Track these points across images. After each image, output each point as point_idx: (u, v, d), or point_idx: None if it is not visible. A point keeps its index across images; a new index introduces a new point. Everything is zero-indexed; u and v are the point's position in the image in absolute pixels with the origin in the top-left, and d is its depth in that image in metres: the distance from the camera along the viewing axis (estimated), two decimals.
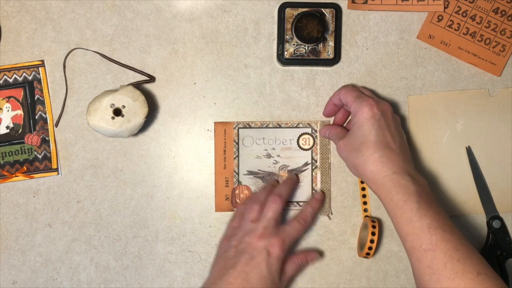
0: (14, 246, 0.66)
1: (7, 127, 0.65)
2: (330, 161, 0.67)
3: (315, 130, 0.67)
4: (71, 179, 0.66)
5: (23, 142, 0.66)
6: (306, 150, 0.67)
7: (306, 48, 0.65)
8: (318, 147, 0.67)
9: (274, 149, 0.67)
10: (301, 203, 0.66)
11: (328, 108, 0.66)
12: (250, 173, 0.67)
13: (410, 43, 0.67)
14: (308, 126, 0.67)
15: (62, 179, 0.66)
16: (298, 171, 0.67)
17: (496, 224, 0.66)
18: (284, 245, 0.60)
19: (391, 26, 0.66)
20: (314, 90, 0.67)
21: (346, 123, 0.66)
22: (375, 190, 0.58)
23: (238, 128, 0.66)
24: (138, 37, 0.66)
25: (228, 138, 0.66)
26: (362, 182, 0.67)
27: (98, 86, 0.66)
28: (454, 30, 0.66)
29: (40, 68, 0.65)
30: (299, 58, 0.65)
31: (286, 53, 0.65)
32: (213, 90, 0.66)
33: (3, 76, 0.65)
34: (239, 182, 0.67)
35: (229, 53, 0.66)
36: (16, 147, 0.66)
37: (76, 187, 0.66)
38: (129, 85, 0.63)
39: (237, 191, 0.67)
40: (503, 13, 0.66)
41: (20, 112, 0.65)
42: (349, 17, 0.66)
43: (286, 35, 0.65)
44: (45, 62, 0.65)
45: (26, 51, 0.65)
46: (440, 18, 0.66)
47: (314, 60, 0.65)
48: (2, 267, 0.66)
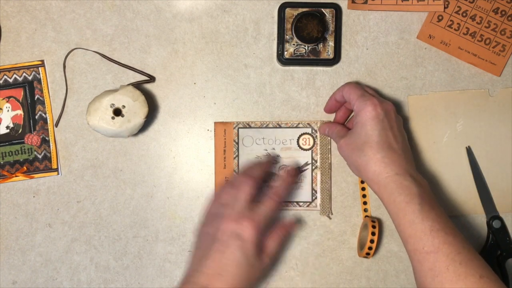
0: (14, 246, 0.66)
1: (7, 127, 0.65)
2: (330, 161, 0.67)
3: (315, 130, 0.67)
4: (71, 179, 0.66)
5: (23, 142, 0.66)
6: (306, 150, 0.67)
7: (306, 48, 0.65)
8: (318, 147, 0.67)
9: (274, 149, 0.67)
10: (301, 203, 0.66)
11: (329, 104, 0.65)
12: None
13: (410, 43, 0.67)
14: (308, 126, 0.67)
15: (62, 179, 0.66)
16: (298, 172, 0.67)
17: (496, 224, 0.66)
18: (258, 226, 0.57)
19: (391, 26, 0.66)
20: (314, 90, 0.66)
21: (347, 122, 0.66)
22: (377, 191, 0.57)
23: (238, 128, 0.66)
24: (138, 37, 0.66)
25: (228, 138, 0.66)
26: (362, 182, 0.67)
27: (98, 86, 0.66)
28: (454, 30, 0.66)
29: (40, 68, 0.65)
30: (299, 58, 0.65)
31: (286, 53, 0.65)
32: (213, 90, 0.66)
33: (3, 76, 0.65)
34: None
35: (229, 53, 0.66)
36: (16, 147, 0.65)
37: (76, 187, 0.66)
38: (129, 85, 0.63)
39: None
40: (503, 13, 0.66)
41: (20, 112, 0.65)
42: (349, 17, 0.66)
43: (286, 35, 0.65)
44: (45, 62, 0.65)
45: (26, 51, 0.65)
46: (440, 18, 0.66)
47: (314, 60, 0.65)
48: (2, 267, 0.66)
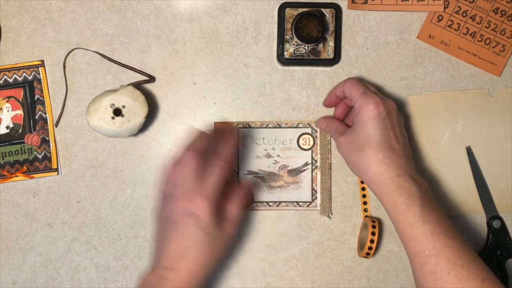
0: (14, 246, 0.66)
1: (7, 127, 0.65)
2: (330, 161, 0.67)
3: (315, 130, 0.67)
4: (71, 179, 0.66)
5: (23, 142, 0.65)
6: (306, 150, 0.67)
7: (306, 48, 0.65)
8: (318, 147, 0.67)
9: (274, 149, 0.67)
10: (301, 203, 0.66)
11: (329, 99, 0.65)
12: (250, 173, 0.67)
13: (410, 43, 0.67)
14: (308, 126, 0.67)
15: (62, 179, 0.66)
16: (298, 171, 0.67)
17: (496, 224, 0.66)
18: (210, 199, 0.55)
19: (391, 26, 0.66)
20: (314, 90, 0.66)
21: (346, 118, 0.65)
22: (377, 192, 0.57)
23: (238, 128, 0.66)
24: (138, 37, 0.66)
25: None
26: (362, 182, 0.67)
27: (98, 86, 0.66)
28: (454, 30, 0.66)
29: (40, 68, 0.65)
30: (299, 58, 0.65)
31: (286, 53, 0.65)
32: (213, 90, 0.66)
33: (3, 76, 0.65)
34: (239, 182, 0.67)
35: (229, 53, 0.66)
36: (16, 147, 0.65)
37: (76, 187, 0.66)
38: (129, 85, 0.63)
39: None
40: (503, 13, 0.66)
41: (20, 112, 0.65)
42: (349, 17, 0.66)
43: (286, 35, 0.65)
44: (45, 62, 0.65)
45: (26, 51, 0.65)
46: (440, 18, 0.66)
47: (314, 60, 0.65)
48: (2, 267, 0.66)
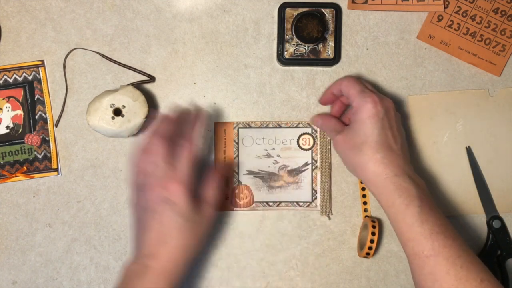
0: (14, 246, 0.66)
1: (7, 127, 0.65)
2: (330, 161, 0.67)
3: (315, 130, 0.67)
4: (71, 179, 0.66)
5: (23, 142, 0.65)
6: (306, 150, 0.67)
7: (306, 48, 0.65)
8: (318, 147, 0.67)
9: (274, 149, 0.67)
10: (301, 203, 0.66)
11: (325, 97, 0.64)
12: (250, 173, 0.67)
13: (410, 43, 0.67)
14: (308, 126, 0.67)
15: (62, 179, 0.66)
16: (298, 171, 0.67)
17: (496, 224, 0.66)
18: (184, 183, 0.55)
19: (391, 26, 0.66)
20: (314, 90, 0.66)
21: (342, 116, 0.65)
22: (375, 192, 0.57)
23: (238, 128, 0.66)
24: (138, 37, 0.66)
25: (228, 138, 0.66)
26: (362, 182, 0.67)
27: (98, 86, 0.66)
28: (454, 30, 0.66)
29: (40, 68, 0.65)
30: (299, 58, 0.65)
31: (286, 53, 0.65)
32: (213, 90, 0.66)
33: (3, 76, 0.65)
34: (239, 182, 0.67)
35: (229, 53, 0.66)
36: (16, 147, 0.65)
37: (76, 187, 0.66)
38: (129, 85, 0.63)
39: (237, 191, 0.67)
40: (503, 13, 0.66)
41: (20, 112, 0.65)
42: (349, 17, 0.66)
43: (286, 35, 0.65)
44: (45, 62, 0.65)
45: (26, 51, 0.65)
46: (440, 18, 0.66)
47: (314, 60, 0.65)
48: (2, 267, 0.66)
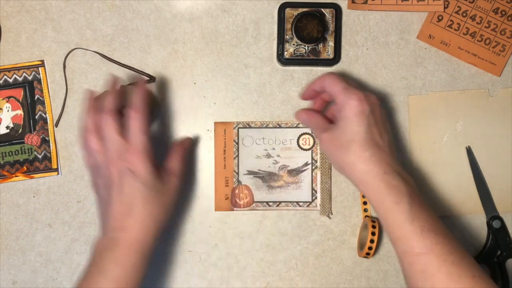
0: (14, 246, 0.66)
1: (7, 127, 0.65)
2: (330, 161, 0.67)
3: None
4: (71, 179, 0.66)
5: (23, 142, 0.66)
6: (306, 150, 0.67)
7: (306, 48, 0.65)
8: (318, 147, 0.67)
9: (274, 149, 0.67)
10: (301, 203, 0.66)
11: (307, 94, 0.63)
12: (250, 173, 0.67)
13: (410, 43, 0.67)
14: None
15: (62, 179, 0.66)
16: (298, 171, 0.67)
17: (496, 224, 0.66)
18: (141, 151, 0.54)
19: (391, 26, 0.66)
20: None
21: (325, 111, 0.64)
22: (364, 190, 0.56)
23: (238, 128, 0.66)
24: (138, 37, 0.66)
25: (228, 138, 0.66)
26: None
27: (98, 86, 0.66)
28: (454, 30, 0.66)
29: (40, 68, 0.65)
30: (299, 58, 0.65)
31: (286, 53, 0.65)
32: (213, 90, 0.66)
33: (3, 76, 0.65)
34: (239, 182, 0.67)
35: (229, 53, 0.66)
36: (16, 147, 0.65)
37: (76, 187, 0.66)
38: (129, 85, 0.63)
39: (237, 191, 0.67)
40: (503, 13, 0.66)
41: (20, 112, 0.65)
42: (349, 17, 0.66)
43: (286, 35, 0.65)
44: (45, 62, 0.65)
45: (26, 51, 0.65)
46: (440, 18, 0.66)
47: (314, 60, 0.65)
48: (2, 267, 0.66)
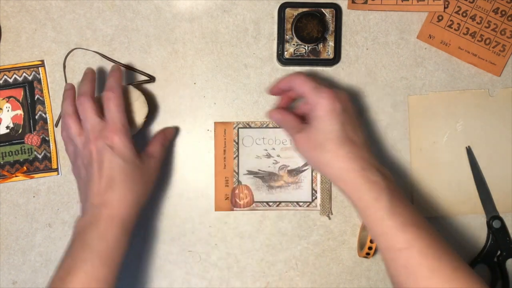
0: (14, 246, 0.66)
1: (7, 127, 0.65)
2: None
3: None
4: (71, 179, 0.66)
5: (23, 142, 0.66)
6: None
7: (306, 48, 0.65)
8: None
9: (274, 149, 0.67)
10: (301, 203, 0.66)
11: (273, 91, 0.63)
12: (250, 173, 0.67)
13: (410, 43, 0.67)
14: None
15: (62, 179, 0.66)
16: (298, 171, 0.67)
17: (496, 224, 0.66)
18: (121, 129, 0.56)
19: (391, 26, 0.66)
20: None
21: (295, 109, 0.63)
22: (343, 188, 0.55)
23: (238, 128, 0.66)
24: (138, 37, 0.66)
25: (228, 138, 0.66)
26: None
27: (98, 86, 0.66)
28: (454, 30, 0.66)
29: (40, 68, 0.65)
30: (299, 58, 0.65)
31: (286, 53, 0.65)
32: (213, 90, 0.66)
33: (3, 76, 0.65)
34: (239, 182, 0.67)
35: (229, 53, 0.66)
36: (16, 147, 0.66)
37: (76, 187, 0.66)
38: (129, 85, 0.63)
39: (237, 191, 0.67)
40: (503, 13, 0.66)
41: (20, 112, 0.65)
42: (349, 17, 0.66)
43: (286, 35, 0.65)
44: (45, 62, 0.65)
45: (26, 51, 0.65)
46: (440, 18, 0.66)
47: (314, 60, 0.65)
48: (2, 267, 0.66)
